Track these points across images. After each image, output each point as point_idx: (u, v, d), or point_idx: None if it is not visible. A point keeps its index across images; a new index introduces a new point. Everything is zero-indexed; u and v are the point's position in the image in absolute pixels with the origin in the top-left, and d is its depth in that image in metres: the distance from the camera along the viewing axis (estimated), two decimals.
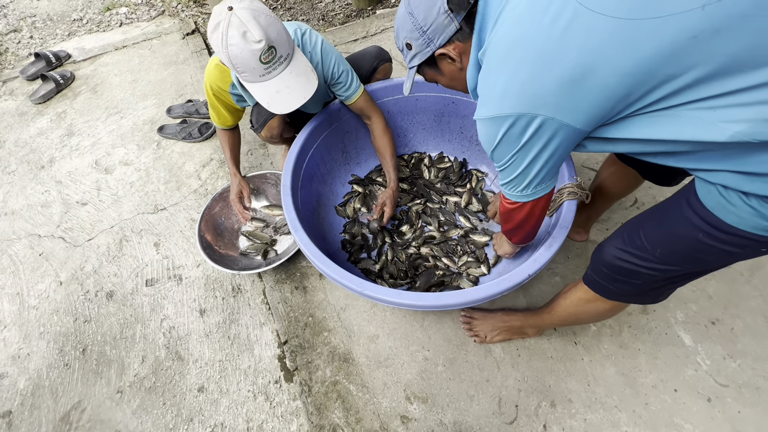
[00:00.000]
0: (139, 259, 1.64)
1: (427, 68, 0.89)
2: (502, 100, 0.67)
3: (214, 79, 1.31)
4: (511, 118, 0.67)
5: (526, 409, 1.19)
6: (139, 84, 2.37)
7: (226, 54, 0.99)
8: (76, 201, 1.86)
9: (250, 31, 0.96)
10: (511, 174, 0.79)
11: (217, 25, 0.98)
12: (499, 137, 0.72)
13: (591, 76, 0.59)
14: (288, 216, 1.20)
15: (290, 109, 1.10)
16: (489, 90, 0.70)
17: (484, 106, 0.72)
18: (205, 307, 1.48)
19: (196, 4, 3.02)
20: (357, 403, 1.23)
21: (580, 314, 1.05)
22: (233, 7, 0.97)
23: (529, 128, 0.67)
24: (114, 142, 2.08)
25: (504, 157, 0.76)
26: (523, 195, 0.83)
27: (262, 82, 1.06)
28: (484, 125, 0.74)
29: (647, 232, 0.79)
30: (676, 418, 1.14)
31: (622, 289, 0.89)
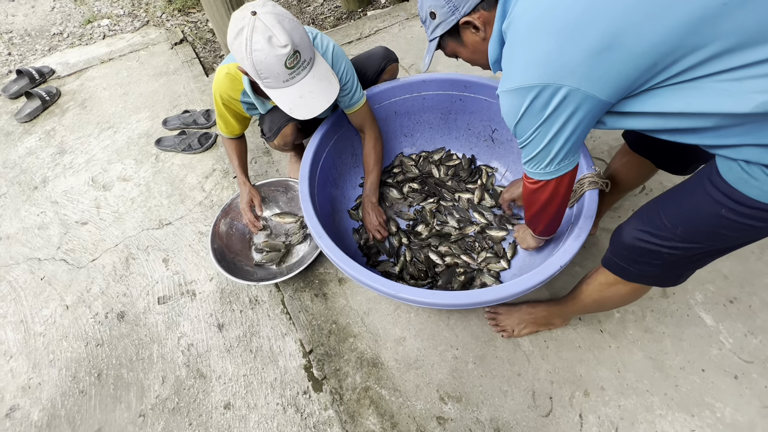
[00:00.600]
0: (148, 276, 1.59)
1: (449, 39, 0.89)
2: (528, 71, 0.67)
3: (224, 88, 1.28)
4: (536, 89, 0.67)
5: (561, 400, 1.19)
6: (130, 97, 2.31)
7: (250, 60, 0.97)
8: (75, 221, 1.80)
9: (275, 36, 0.94)
10: (534, 149, 0.78)
11: (240, 30, 0.95)
12: (523, 109, 0.71)
13: (618, 46, 0.59)
14: (310, 223, 1.17)
15: (314, 114, 1.08)
16: (514, 61, 0.70)
17: (508, 78, 0.72)
18: (222, 321, 1.45)
19: (182, 13, 2.96)
20: (391, 408, 1.22)
21: (602, 299, 1.05)
22: (257, 11, 0.94)
23: (554, 99, 0.67)
24: (109, 157, 2.01)
25: (527, 131, 0.75)
26: (546, 172, 0.82)
27: (284, 87, 1.04)
28: (508, 97, 0.73)
29: (668, 211, 0.79)
30: (707, 397, 1.16)
31: (643, 270, 0.89)
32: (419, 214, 1.60)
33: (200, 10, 2.97)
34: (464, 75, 1.50)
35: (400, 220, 1.59)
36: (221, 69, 1.28)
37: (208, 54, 2.61)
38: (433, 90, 1.57)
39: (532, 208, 0.98)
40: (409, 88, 1.55)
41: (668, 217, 0.79)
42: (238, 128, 1.43)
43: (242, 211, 1.50)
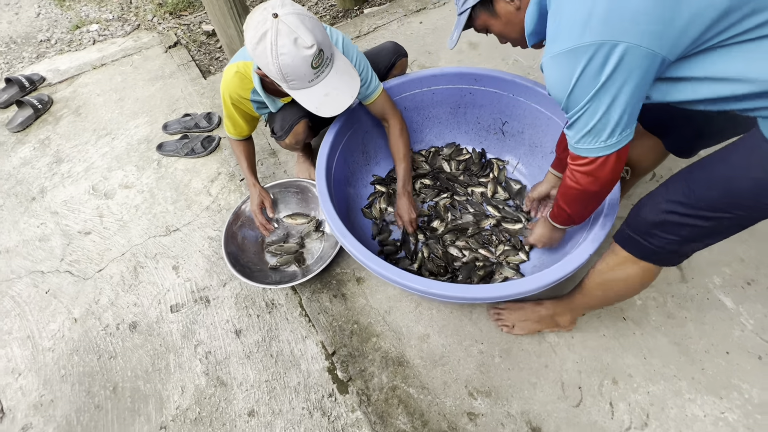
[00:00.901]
0: (158, 285, 1.55)
1: (481, 11, 0.86)
2: (585, 28, 0.62)
3: (233, 88, 1.25)
4: (591, 49, 0.63)
5: (590, 389, 1.19)
6: (127, 102, 2.25)
7: (276, 64, 0.94)
8: (78, 231, 1.74)
9: (300, 37, 0.92)
10: (590, 121, 0.72)
11: (263, 35, 0.92)
12: (577, 75, 0.66)
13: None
14: (333, 224, 1.15)
15: (340, 110, 1.06)
16: (564, 19, 0.66)
17: (557, 40, 0.67)
18: (240, 327, 1.41)
19: (173, 16, 2.90)
20: (420, 406, 1.20)
21: (608, 284, 1.01)
22: (278, 13, 0.92)
23: (611, 59, 0.62)
24: (109, 165, 1.96)
25: (581, 101, 0.70)
26: (606, 146, 0.75)
27: (310, 87, 1.02)
28: (558, 62, 0.68)
29: (697, 179, 0.76)
30: (733, 379, 1.17)
31: (659, 245, 0.84)
32: (433, 209, 1.58)
33: (192, 13, 2.92)
34: (474, 68, 1.49)
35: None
36: (229, 68, 1.25)
37: (204, 57, 2.56)
38: (442, 84, 1.55)
39: (575, 196, 0.91)
40: (419, 83, 1.53)
41: (698, 184, 0.75)
42: (247, 129, 1.40)
43: (253, 214, 1.47)
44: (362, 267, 1.48)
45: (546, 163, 1.53)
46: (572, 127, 0.77)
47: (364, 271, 1.47)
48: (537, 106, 1.45)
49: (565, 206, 0.98)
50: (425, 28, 2.38)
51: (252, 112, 1.36)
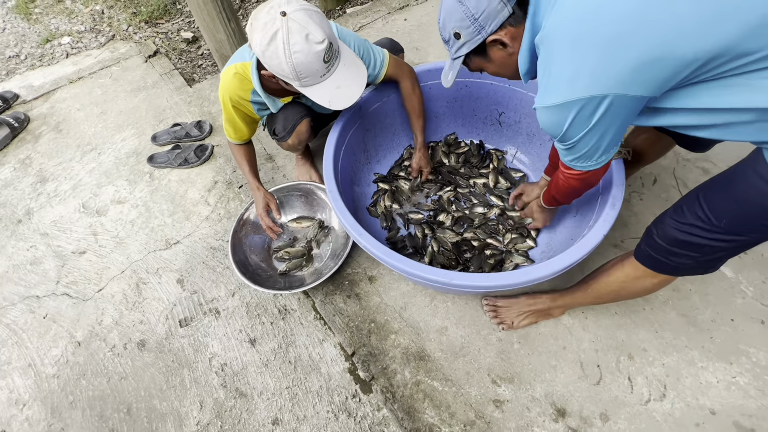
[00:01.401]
0: (164, 300, 1.50)
1: (474, 57, 0.88)
2: (573, 85, 0.67)
3: (233, 90, 1.22)
4: (581, 102, 0.68)
5: (608, 366, 1.22)
6: (110, 115, 2.17)
7: (290, 63, 0.93)
8: (72, 251, 1.67)
9: (311, 33, 0.91)
10: (582, 150, 0.80)
11: (273, 35, 0.91)
12: (569, 122, 0.72)
13: (669, 55, 0.59)
14: (347, 222, 1.14)
15: (352, 101, 1.07)
16: (554, 76, 0.70)
17: (549, 94, 0.72)
18: (254, 336, 1.39)
19: (149, 24, 2.82)
20: (446, 398, 1.21)
21: (621, 291, 1.05)
22: (286, 11, 0.90)
23: (600, 107, 0.68)
24: (98, 181, 1.89)
25: (573, 137, 0.77)
26: (597, 163, 0.85)
27: (321, 82, 1.02)
28: (550, 113, 0.74)
29: (711, 203, 0.78)
30: (741, 344, 1.22)
31: (680, 263, 0.88)
32: (437, 203, 1.59)
33: (168, 20, 2.84)
34: None
35: (422, 211, 1.58)
36: (228, 70, 1.23)
37: (186, 65, 2.50)
38: (438, 79, 1.56)
39: (568, 192, 1.02)
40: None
41: (712, 209, 0.78)
42: (247, 132, 1.38)
43: (259, 217, 1.45)
44: (374, 266, 1.48)
45: (544, 151, 1.57)
46: (566, 152, 0.84)
47: (376, 270, 1.47)
48: (533, 95, 1.48)
49: (559, 197, 1.11)
50: (410, 24, 2.39)
51: (252, 114, 1.34)
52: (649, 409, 1.15)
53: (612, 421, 1.14)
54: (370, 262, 1.48)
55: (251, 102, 1.28)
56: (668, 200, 1.53)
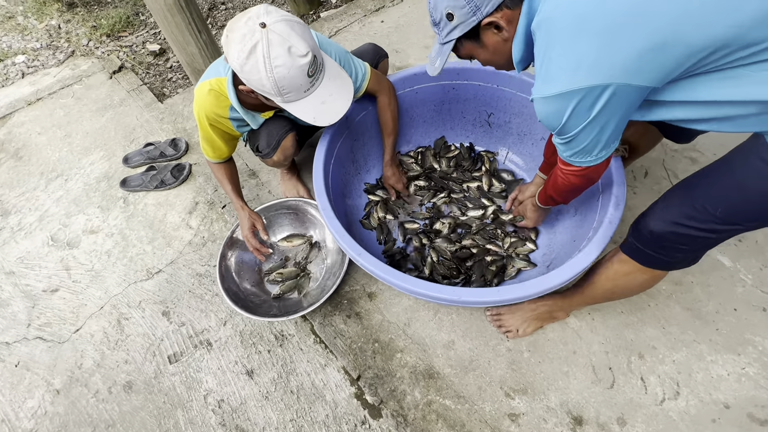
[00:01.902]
0: (149, 335, 1.40)
1: (466, 41, 0.83)
2: (575, 74, 0.64)
3: (210, 107, 1.14)
4: (582, 92, 0.64)
5: (620, 368, 1.20)
6: (75, 138, 2.03)
7: (271, 78, 0.86)
8: (42, 290, 1.54)
9: (294, 46, 0.84)
10: (581, 143, 0.76)
11: (252, 48, 0.84)
12: (569, 112, 0.69)
13: (675, 42, 0.57)
14: (344, 241, 1.08)
15: (338, 116, 1.00)
16: (553, 64, 0.66)
17: (548, 83, 0.68)
18: (251, 366, 1.30)
19: (111, 38, 2.66)
20: (460, 417, 1.16)
21: (615, 289, 1.02)
22: (266, 22, 0.83)
23: (602, 98, 0.65)
24: (67, 210, 1.75)
25: (573, 130, 0.73)
26: (597, 158, 0.81)
27: (305, 97, 0.94)
28: (549, 103, 0.70)
29: (705, 192, 0.76)
30: (746, 334, 1.22)
31: (670, 256, 0.86)
32: (432, 211, 1.55)
33: (132, 33, 2.70)
34: (456, 63, 1.47)
35: (417, 221, 1.53)
36: (202, 86, 1.15)
37: (154, 79, 2.37)
38: (425, 83, 1.51)
39: (567, 190, 0.97)
40: (402, 84, 1.48)
41: (707, 199, 0.75)
42: (227, 150, 1.30)
43: (245, 239, 1.36)
44: (372, 282, 1.42)
45: (537, 150, 1.54)
46: (565, 146, 0.80)
47: (375, 286, 1.41)
48: (522, 94, 1.45)
49: (556, 196, 1.06)
50: (387, 26, 2.33)
51: (232, 131, 1.26)
52: (665, 408, 1.13)
53: (629, 425, 1.11)
54: (369, 278, 1.42)
55: (230, 119, 1.19)
56: (661, 192, 1.50)
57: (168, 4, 1.31)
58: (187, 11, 1.35)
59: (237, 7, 2.79)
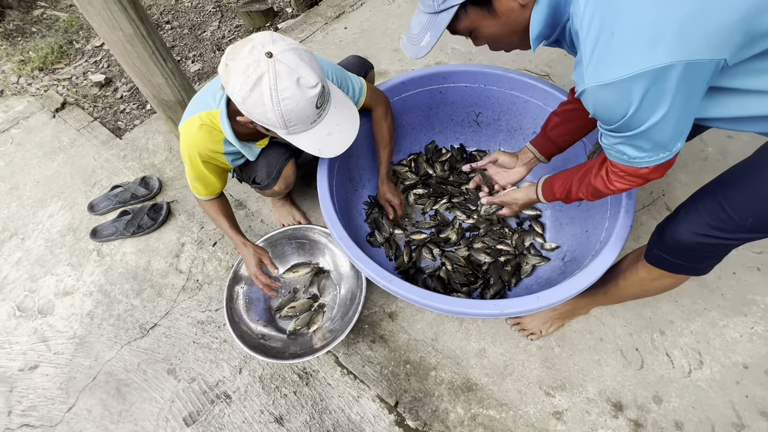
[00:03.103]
0: (157, 399, 1.27)
1: (473, 9, 0.68)
2: (653, 50, 0.52)
3: (202, 143, 1.04)
4: (658, 71, 0.53)
5: (645, 347, 1.24)
6: (24, 190, 1.80)
7: (278, 111, 0.79)
8: (19, 369, 1.36)
9: (303, 77, 0.78)
10: (656, 137, 0.62)
11: (258, 80, 0.76)
12: (639, 99, 0.56)
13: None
14: (370, 269, 1.03)
15: (345, 148, 0.94)
16: (620, 40, 0.55)
17: (611, 65, 0.56)
18: (279, 413, 1.22)
19: (45, 72, 2.40)
20: (506, 425, 1.15)
21: (642, 293, 1.01)
22: (272, 52, 0.75)
23: (683, 77, 0.54)
24: (31, 273, 1.55)
25: (644, 122, 0.60)
26: (671, 152, 0.66)
27: (311, 129, 0.88)
28: (612, 90, 0.57)
29: (733, 202, 0.71)
30: (748, 294, 1.30)
31: (696, 263, 0.83)
32: (436, 218, 1.52)
33: (69, 63, 2.44)
34: (442, 66, 1.44)
35: (423, 231, 1.49)
36: (190, 122, 1.04)
37: (105, 112, 2.16)
38: (412, 89, 1.48)
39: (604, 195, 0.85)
40: (390, 93, 1.43)
41: (736, 209, 0.70)
42: (220, 185, 1.20)
43: (253, 277, 1.26)
44: (390, 301, 1.37)
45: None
46: (629, 145, 0.67)
47: (394, 305, 1.36)
48: (511, 91, 1.45)
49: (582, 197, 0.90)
50: (352, 32, 2.27)
51: (225, 165, 1.16)
52: (693, 379, 1.18)
53: (665, 401, 1.15)
54: (387, 298, 1.37)
55: (224, 154, 1.10)
56: (669, 183, 1.55)
57: (128, 35, 1.17)
58: (149, 40, 1.22)
59: (183, 26, 2.61)
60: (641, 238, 1.42)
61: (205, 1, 2.75)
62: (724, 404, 1.14)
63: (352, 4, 2.42)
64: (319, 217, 1.58)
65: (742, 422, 1.11)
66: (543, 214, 1.48)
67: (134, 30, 1.17)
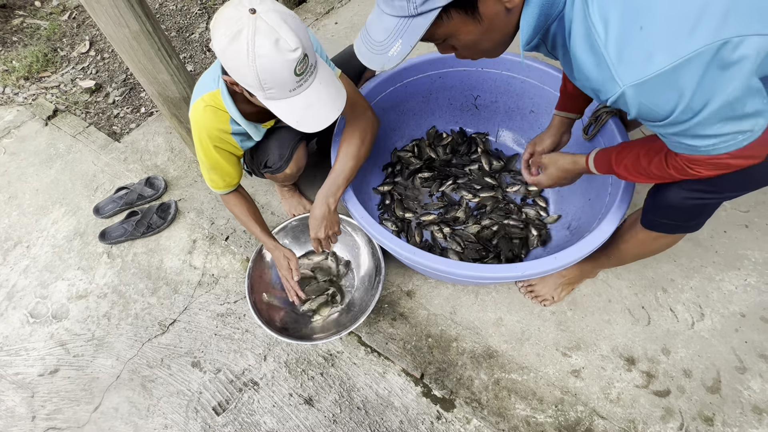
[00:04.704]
0: (185, 392, 1.28)
1: (455, 13, 0.60)
2: (694, 31, 0.50)
3: (211, 124, 1.05)
4: (710, 51, 0.50)
5: (650, 304, 1.32)
6: (23, 198, 1.78)
7: (253, 68, 0.78)
8: (39, 374, 1.34)
9: (283, 38, 0.77)
10: (722, 129, 0.58)
11: (236, 33, 0.76)
12: (695, 84, 0.53)
13: None
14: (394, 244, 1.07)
15: (324, 125, 0.92)
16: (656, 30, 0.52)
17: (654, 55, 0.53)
18: (308, 395, 1.25)
19: (31, 81, 2.35)
20: (529, 386, 1.20)
21: (642, 253, 1.08)
22: (256, 9, 0.77)
23: (738, 53, 0.51)
24: (41, 279, 1.54)
25: (701, 110, 0.55)
26: (751, 134, 0.60)
27: (290, 98, 0.87)
28: (660, 83, 0.54)
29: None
30: (739, 250, 1.39)
31: (688, 221, 0.90)
32: (443, 199, 1.57)
33: (56, 71, 2.40)
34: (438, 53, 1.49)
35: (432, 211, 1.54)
36: (196, 105, 1.05)
37: (98, 118, 2.13)
38: (413, 75, 1.52)
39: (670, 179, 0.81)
40: (392, 80, 1.48)
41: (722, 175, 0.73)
42: (236, 174, 1.19)
43: (284, 280, 1.26)
44: (407, 280, 1.41)
45: (527, 123, 1.62)
46: (690, 136, 0.62)
47: (411, 283, 1.41)
48: (507, 73, 1.51)
49: (633, 176, 0.86)
50: (343, 27, 2.31)
51: (236, 149, 1.15)
52: (697, 330, 1.26)
53: (673, 352, 1.23)
54: (403, 277, 1.42)
55: (233, 134, 1.11)
56: None
57: (134, 32, 1.18)
58: (155, 36, 1.22)
59: (170, 29, 2.60)
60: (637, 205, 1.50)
61: (191, 4, 2.74)
62: (727, 350, 1.22)
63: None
64: None
65: (744, 365, 1.19)
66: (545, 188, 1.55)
67: (141, 26, 1.18)
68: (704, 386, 1.17)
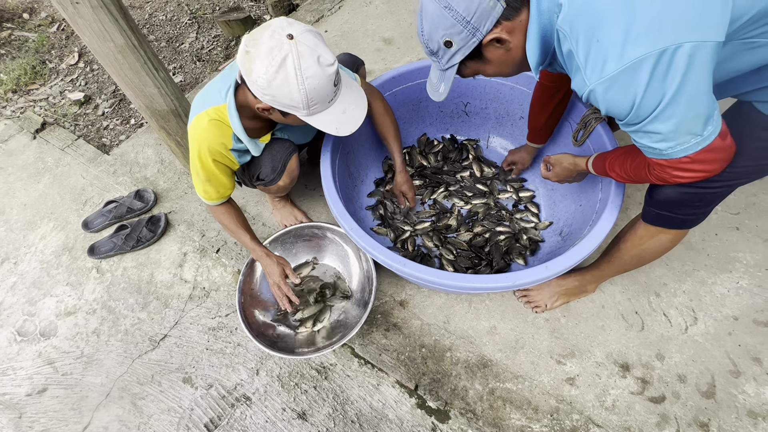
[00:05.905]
0: (176, 409, 1.26)
1: (470, 62, 0.81)
2: (636, 42, 0.61)
3: (213, 139, 1.05)
4: (652, 58, 0.61)
5: (644, 309, 1.31)
6: (11, 213, 1.75)
7: (302, 90, 0.84)
8: (26, 393, 1.32)
9: (322, 55, 0.84)
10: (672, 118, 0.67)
11: (282, 62, 0.80)
12: (645, 85, 0.63)
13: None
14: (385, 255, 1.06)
15: (358, 125, 1.00)
16: (607, 43, 0.64)
17: (607, 63, 0.64)
18: (301, 409, 1.23)
19: (19, 93, 2.33)
20: (523, 395, 1.19)
21: (643, 253, 1.07)
22: (293, 35, 0.80)
23: (676, 60, 0.61)
24: (28, 296, 1.51)
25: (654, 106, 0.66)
26: (702, 138, 0.70)
27: (328, 108, 0.94)
28: (615, 82, 0.65)
29: None
30: (730, 252, 1.40)
31: (687, 214, 0.93)
32: (435, 207, 1.57)
33: (44, 84, 2.38)
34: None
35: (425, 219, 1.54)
36: (198, 119, 1.05)
37: (87, 130, 2.12)
38: (402, 84, 1.52)
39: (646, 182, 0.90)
40: (381, 89, 1.47)
41: None
42: (231, 186, 1.20)
43: (276, 287, 1.24)
44: (400, 290, 1.40)
45: (517, 130, 1.62)
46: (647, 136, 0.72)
47: (404, 293, 1.40)
48: (497, 80, 1.51)
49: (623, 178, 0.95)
50: (333, 35, 2.31)
51: (233, 164, 1.16)
52: (690, 335, 1.26)
53: (667, 357, 1.23)
54: (396, 287, 1.41)
55: (233, 150, 1.11)
56: None
57: (119, 46, 1.17)
58: (141, 50, 1.21)
59: (160, 39, 2.59)
60: (629, 209, 1.50)
61: (180, 14, 2.73)
62: (720, 354, 1.22)
63: (330, 7, 2.45)
64: (320, 215, 1.60)
65: (738, 369, 1.19)
66: (537, 194, 1.55)
67: (126, 40, 1.17)
68: (699, 391, 1.17)
